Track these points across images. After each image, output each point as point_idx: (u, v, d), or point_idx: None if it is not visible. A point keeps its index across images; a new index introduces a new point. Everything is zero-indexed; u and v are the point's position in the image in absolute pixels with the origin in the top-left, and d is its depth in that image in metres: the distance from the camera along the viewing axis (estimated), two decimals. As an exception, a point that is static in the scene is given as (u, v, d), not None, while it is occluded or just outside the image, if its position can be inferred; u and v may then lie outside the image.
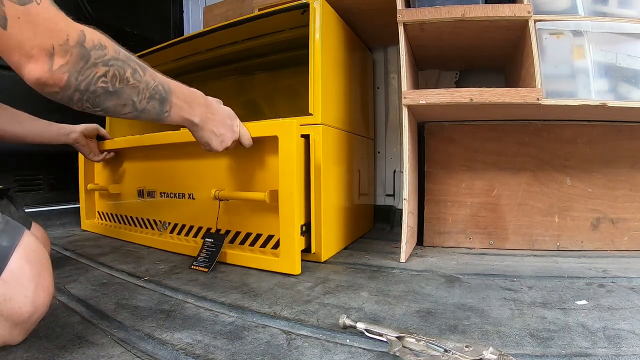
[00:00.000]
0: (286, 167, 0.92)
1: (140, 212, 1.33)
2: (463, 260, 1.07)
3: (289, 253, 0.93)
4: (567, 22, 0.96)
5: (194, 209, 1.14)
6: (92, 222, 1.56)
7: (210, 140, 0.85)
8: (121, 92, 0.60)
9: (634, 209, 1.14)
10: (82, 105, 0.57)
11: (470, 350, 0.50)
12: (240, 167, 1.03)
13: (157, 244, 1.24)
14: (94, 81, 0.55)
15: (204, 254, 1.01)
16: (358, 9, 1.26)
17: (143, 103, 0.67)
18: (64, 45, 0.50)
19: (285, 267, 0.94)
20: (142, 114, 0.68)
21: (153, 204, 1.28)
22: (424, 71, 1.49)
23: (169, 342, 0.59)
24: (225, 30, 1.23)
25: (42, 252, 0.53)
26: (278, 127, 0.93)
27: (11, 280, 0.47)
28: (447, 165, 1.25)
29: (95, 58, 0.54)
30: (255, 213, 1.01)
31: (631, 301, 0.72)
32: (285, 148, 0.92)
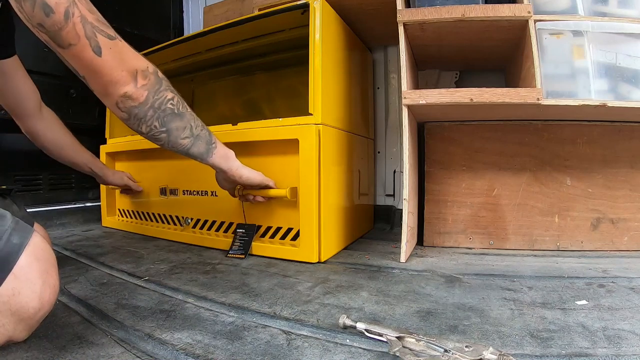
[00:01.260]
0: (307, 167, 1.01)
1: (162, 209, 1.42)
2: (463, 260, 1.07)
3: (309, 243, 1.02)
4: (567, 22, 0.96)
5: (217, 205, 1.23)
6: (113, 219, 1.64)
7: (251, 173, 0.96)
8: (183, 115, 0.74)
9: (634, 209, 1.14)
10: (152, 123, 0.69)
11: (470, 350, 0.50)
12: (260, 167, 1.04)
13: (180, 238, 1.33)
14: (165, 102, 0.70)
15: (237, 244, 1.12)
16: (358, 9, 1.26)
17: (198, 129, 0.79)
18: (144, 71, 0.67)
19: (306, 256, 1.03)
20: (196, 142, 0.79)
21: (176, 202, 1.37)
22: (424, 71, 1.49)
23: (169, 342, 0.59)
24: (225, 30, 1.23)
25: (49, 251, 0.55)
26: (299, 131, 1.02)
27: (21, 276, 0.49)
28: (447, 165, 1.25)
29: (166, 85, 0.71)
30: (274, 208, 1.11)
31: (631, 301, 0.72)
32: (305, 150, 1.01)
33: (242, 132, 1.13)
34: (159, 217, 1.44)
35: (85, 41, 0.58)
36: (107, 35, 0.61)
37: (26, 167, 1.63)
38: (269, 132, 1.08)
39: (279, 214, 1.10)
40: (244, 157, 1.00)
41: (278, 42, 1.31)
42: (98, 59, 0.60)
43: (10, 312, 0.48)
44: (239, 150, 0.96)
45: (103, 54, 0.60)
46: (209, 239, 1.25)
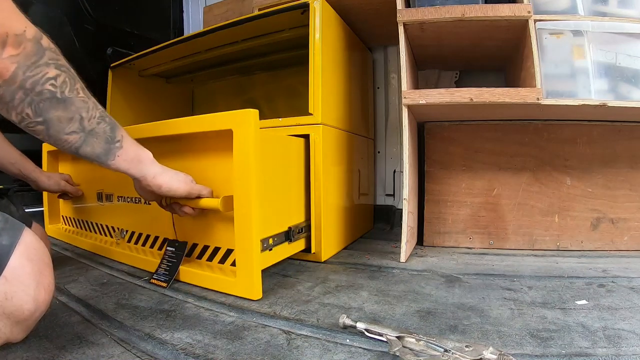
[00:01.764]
0: (242, 167, 0.75)
1: (100, 218, 1.18)
2: (463, 260, 1.07)
3: (246, 273, 0.77)
4: (567, 22, 0.96)
5: (150, 215, 0.96)
6: (56, 227, 1.39)
7: (172, 182, 0.72)
8: (69, 102, 0.54)
9: (634, 208, 1.14)
10: (23, 110, 0.50)
11: (470, 350, 0.50)
12: (206, 169, 0.84)
13: (115, 255, 1.07)
14: (42, 81, 0.50)
15: (164, 266, 0.88)
16: (358, 9, 1.26)
17: (92, 123, 0.58)
18: (19, 37, 0.48)
19: (242, 289, 0.78)
20: (89, 139, 0.58)
21: (112, 209, 1.11)
22: (424, 71, 1.49)
23: (169, 342, 0.59)
24: (225, 30, 1.23)
25: (43, 250, 0.52)
26: (232, 119, 0.77)
27: (12, 279, 0.47)
28: (447, 165, 1.25)
29: (49, 58, 0.51)
30: (215, 223, 0.84)
31: (631, 301, 0.72)
32: (240, 144, 0.75)
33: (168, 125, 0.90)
34: (96, 227, 1.20)
35: None
36: None
37: (25, 167, 1.62)
38: (199, 123, 0.84)
39: (220, 230, 0.84)
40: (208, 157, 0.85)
41: (278, 42, 1.31)
42: None
43: (4, 315, 0.47)
44: (195, 146, 0.83)
45: None
46: (139, 258, 1.00)
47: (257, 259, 0.76)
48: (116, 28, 1.83)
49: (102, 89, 1.59)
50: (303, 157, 1.04)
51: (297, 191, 1.01)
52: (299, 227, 1.00)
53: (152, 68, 1.60)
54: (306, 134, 1.04)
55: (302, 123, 1.05)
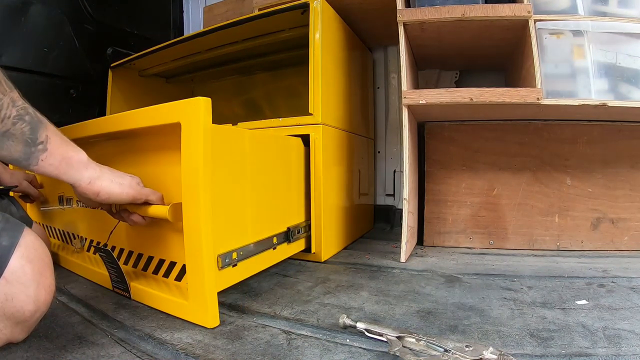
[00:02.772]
0: (191, 168, 0.64)
1: (63, 224, 1.05)
2: (463, 260, 1.07)
3: (198, 295, 0.65)
4: (567, 22, 0.96)
5: (108, 222, 0.79)
6: None
7: (113, 187, 0.62)
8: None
9: (634, 208, 1.14)
10: None
11: (471, 350, 0.50)
12: (157, 170, 0.73)
13: (74, 267, 0.96)
14: None
15: (113, 274, 0.80)
16: (358, 8, 1.26)
17: (6, 123, 0.49)
18: None
19: (194, 314, 0.66)
20: (4, 142, 0.50)
21: (72, 214, 0.99)
22: (424, 71, 1.48)
23: (169, 342, 0.59)
24: (225, 30, 1.23)
25: (43, 250, 0.52)
26: (180, 110, 0.65)
27: (13, 280, 0.47)
28: (447, 165, 1.25)
29: None
30: (170, 233, 0.72)
31: (631, 301, 0.72)
32: (189, 140, 0.64)
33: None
34: (60, 234, 1.06)
35: None
36: None
37: (25, 167, 1.61)
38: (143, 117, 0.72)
39: (174, 242, 0.71)
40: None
41: (278, 41, 1.31)
42: None
43: (5, 316, 0.47)
44: (149, 146, 0.73)
45: None
46: (94, 271, 0.88)
47: (209, 280, 0.63)
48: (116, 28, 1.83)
49: (102, 89, 1.59)
50: (303, 157, 1.04)
51: (296, 191, 1.01)
52: (298, 227, 1.00)
53: (153, 68, 1.60)
54: (306, 134, 1.04)
55: (302, 123, 1.05)
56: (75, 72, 1.56)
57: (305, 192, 1.04)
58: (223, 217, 0.70)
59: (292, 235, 0.95)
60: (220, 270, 0.69)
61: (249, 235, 0.80)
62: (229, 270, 0.72)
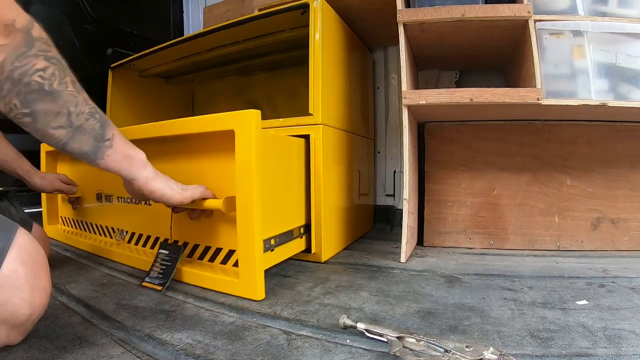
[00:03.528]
0: (244, 168, 0.76)
1: (100, 219, 1.18)
2: (463, 260, 1.07)
3: (249, 273, 0.77)
4: (567, 22, 0.96)
5: (150, 216, 0.97)
6: (55, 228, 1.38)
7: (166, 190, 0.70)
8: (57, 95, 0.53)
9: (634, 208, 1.14)
10: (10, 101, 0.50)
11: (471, 350, 0.50)
12: (207, 169, 0.85)
13: (115, 256, 1.08)
14: (31, 72, 0.50)
15: (157, 269, 0.86)
16: (358, 9, 1.26)
17: (81, 118, 0.56)
18: (9, 26, 0.47)
19: (245, 290, 0.78)
20: (77, 135, 0.56)
21: (111, 210, 1.12)
22: (424, 71, 1.48)
23: (169, 343, 0.59)
24: (225, 30, 1.23)
25: (37, 251, 0.51)
26: (234, 119, 0.76)
27: (6, 285, 0.46)
28: (447, 166, 1.25)
29: (39, 50, 0.50)
30: (216, 223, 0.84)
31: (631, 301, 0.72)
32: (242, 145, 0.75)
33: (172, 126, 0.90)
34: (96, 227, 1.20)
35: None
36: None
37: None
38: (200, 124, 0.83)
39: (221, 230, 0.84)
40: (210, 158, 0.85)
41: (278, 42, 1.31)
42: None
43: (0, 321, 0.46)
44: (196, 147, 0.83)
45: None
46: (139, 258, 0.99)
47: (259, 260, 0.77)
48: (116, 28, 1.83)
49: (103, 89, 1.59)
50: (303, 157, 1.04)
51: (297, 191, 1.01)
52: (299, 228, 1.00)
53: (153, 68, 1.60)
54: (306, 134, 1.04)
55: (302, 123, 1.05)
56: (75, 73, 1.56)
57: (305, 192, 1.04)
58: (264, 209, 0.79)
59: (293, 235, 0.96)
60: (264, 253, 0.80)
61: (279, 226, 0.91)
62: (268, 254, 0.85)
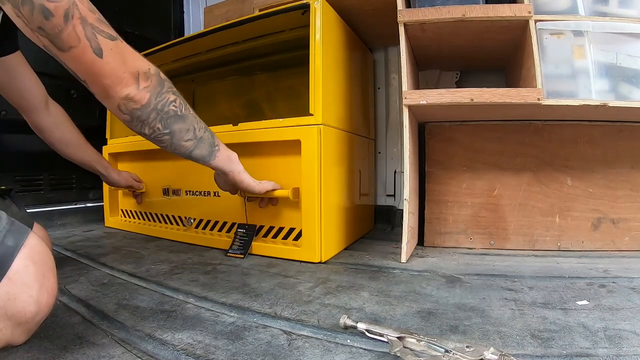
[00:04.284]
0: (309, 167, 1.02)
1: (165, 209, 1.44)
2: (464, 260, 1.07)
3: (311, 243, 1.03)
4: (568, 22, 0.96)
5: (219, 206, 1.25)
6: (116, 220, 1.65)
7: (251, 181, 0.95)
8: (186, 117, 0.74)
9: (634, 209, 1.14)
10: (155, 125, 0.69)
11: (471, 350, 0.50)
12: (261, 167, 1.08)
13: (182, 238, 1.34)
14: (168, 103, 0.69)
15: (237, 243, 1.13)
16: (359, 9, 1.26)
17: (201, 131, 0.78)
18: (147, 73, 0.65)
19: (308, 255, 1.04)
20: (199, 144, 0.79)
21: (179, 202, 1.39)
22: (425, 71, 1.48)
23: (169, 343, 0.59)
24: (226, 30, 1.23)
25: (47, 253, 0.53)
26: (300, 132, 1.03)
27: (16, 280, 0.48)
28: (447, 166, 1.25)
29: (168, 87, 0.70)
30: (277, 208, 1.11)
31: (632, 301, 0.72)
32: (307, 151, 1.02)
33: (244, 133, 1.14)
34: (161, 217, 1.46)
35: (85, 42, 0.56)
36: (108, 36, 0.59)
37: (27, 167, 1.63)
38: (270, 133, 1.09)
39: (281, 214, 1.11)
40: (244, 157, 0.99)
41: (279, 42, 1.31)
42: (99, 61, 0.58)
43: (6, 316, 0.47)
44: (238, 150, 0.95)
45: (104, 55, 0.59)
46: (210, 238, 1.26)
47: (318, 232, 1.03)
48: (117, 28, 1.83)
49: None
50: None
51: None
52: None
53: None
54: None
55: (302, 123, 1.05)
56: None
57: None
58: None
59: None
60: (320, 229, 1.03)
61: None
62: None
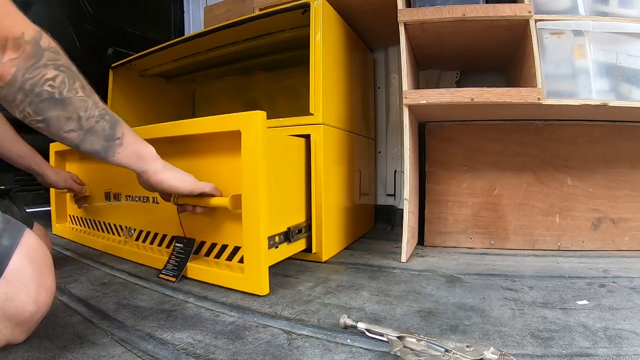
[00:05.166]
0: (250, 167, 0.78)
1: (108, 217, 1.20)
2: (464, 260, 1.07)
3: (254, 269, 0.79)
4: (568, 22, 0.96)
5: (158, 214, 1.00)
6: (63, 227, 1.41)
7: (174, 180, 0.75)
8: (68, 102, 0.56)
9: (634, 208, 1.14)
10: (24, 109, 0.53)
11: (471, 350, 0.50)
12: (214, 168, 0.87)
13: (123, 253, 1.10)
14: (41, 82, 0.52)
15: (173, 261, 0.91)
16: (359, 8, 1.26)
17: (91, 121, 0.60)
18: (18, 40, 0.50)
19: (250, 285, 0.80)
20: (88, 137, 0.60)
21: (119, 208, 1.14)
22: (425, 71, 1.48)
23: (169, 342, 0.59)
24: (226, 30, 1.23)
25: (44, 251, 0.52)
26: (241, 120, 0.79)
27: (13, 280, 0.47)
28: (447, 165, 1.25)
29: (48, 59, 0.53)
30: (222, 221, 0.87)
31: (632, 301, 0.72)
32: (248, 144, 0.78)
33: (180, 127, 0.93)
34: (104, 226, 1.21)
35: None
36: None
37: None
38: (209, 123, 0.86)
39: (227, 227, 0.86)
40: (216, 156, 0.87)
41: (279, 42, 1.31)
42: None
43: (5, 317, 0.46)
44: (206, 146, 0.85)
45: None
46: (144, 255, 1.03)
47: (264, 256, 0.79)
48: (117, 28, 1.84)
49: (103, 89, 1.59)
50: (304, 157, 1.04)
51: (297, 191, 1.01)
52: (299, 227, 1.00)
53: (153, 68, 1.60)
54: (307, 134, 1.04)
55: (303, 123, 1.05)
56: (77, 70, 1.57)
57: (305, 192, 1.04)
58: (269, 206, 0.81)
59: (293, 235, 0.95)
60: (268, 250, 0.82)
61: (281, 224, 0.92)
62: (272, 251, 0.87)
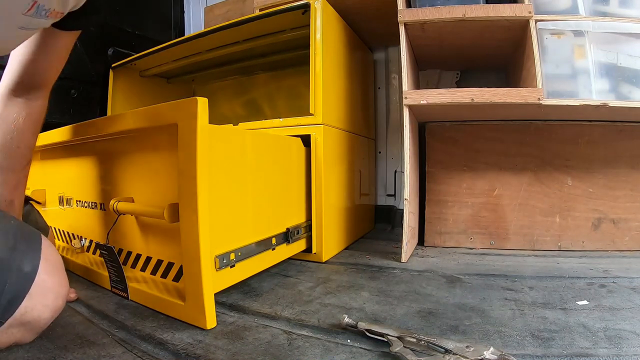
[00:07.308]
0: (187, 168, 0.62)
1: (63, 224, 1.05)
2: (464, 260, 1.07)
3: (196, 296, 0.63)
4: (568, 22, 0.96)
5: (107, 222, 0.84)
6: None
7: None
8: None
9: (635, 209, 1.14)
10: None
11: (471, 350, 0.50)
12: (151, 171, 0.75)
13: (73, 268, 0.95)
14: None
15: (113, 273, 0.79)
16: (359, 9, 1.26)
17: None
18: None
19: (192, 316, 0.65)
20: None
21: (70, 215, 0.99)
22: (425, 71, 1.48)
23: (169, 342, 0.59)
24: (226, 30, 1.23)
25: (60, 261, 0.53)
26: (177, 111, 0.64)
27: (36, 294, 0.48)
28: (448, 166, 1.25)
29: None
30: (169, 233, 0.71)
31: (632, 301, 0.72)
32: (186, 140, 0.62)
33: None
34: (60, 234, 1.07)
35: None
36: None
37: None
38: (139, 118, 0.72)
39: (171, 242, 0.71)
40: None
41: (279, 42, 1.31)
42: None
43: (21, 324, 0.47)
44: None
45: None
46: (94, 271, 0.89)
47: (207, 281, 0.62)
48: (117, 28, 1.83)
49: (103, 89, 1.59)
50: (304, 157, 1.04)
51: (297, 191, 1.01)
52: (299, 228, 1.00)
53: (154, 68, 1.60)
54: (307, 134, 1.04)
55: (303, 123, 1.05)
56: (76, 73, 1.56)
57: (306, 192, 1.04)
58: (221, 218, 0.70)
59: (292, 236, 0.95)
60: (217, 271, 0.69)
61: (249, 235, 0.80)
62: (226, 271, 0.72)
